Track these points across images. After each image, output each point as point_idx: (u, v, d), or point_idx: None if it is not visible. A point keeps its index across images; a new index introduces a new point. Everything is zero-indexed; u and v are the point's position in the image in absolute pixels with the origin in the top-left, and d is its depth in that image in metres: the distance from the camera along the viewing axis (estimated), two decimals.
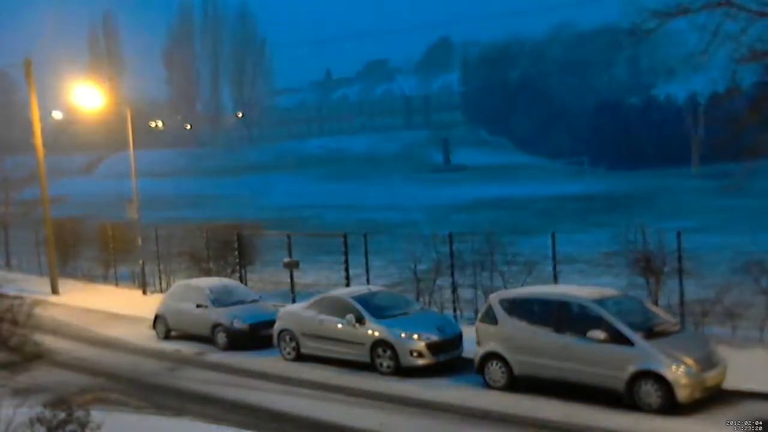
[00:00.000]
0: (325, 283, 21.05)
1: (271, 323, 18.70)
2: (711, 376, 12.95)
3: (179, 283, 22.20)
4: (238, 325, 19.20)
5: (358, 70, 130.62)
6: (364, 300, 17.05)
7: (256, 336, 19.05)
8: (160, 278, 27.37)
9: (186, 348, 19.65)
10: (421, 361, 15.86)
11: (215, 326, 19.53)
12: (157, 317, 21.21)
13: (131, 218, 27.64)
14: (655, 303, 16.20)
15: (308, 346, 17.45)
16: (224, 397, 15.17)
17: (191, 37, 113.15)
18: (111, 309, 24.86)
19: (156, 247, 27.31)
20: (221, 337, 19.40)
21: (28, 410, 9.95)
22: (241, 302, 20.13)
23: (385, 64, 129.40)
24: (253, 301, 20.54)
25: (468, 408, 13.69)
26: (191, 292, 20.65)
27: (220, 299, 20.05)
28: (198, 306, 19.98)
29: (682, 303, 16.39)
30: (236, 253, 24.79)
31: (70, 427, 9.50)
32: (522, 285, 17.60)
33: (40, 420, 9.49)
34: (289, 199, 57.79)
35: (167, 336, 20.81)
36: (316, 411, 13.89)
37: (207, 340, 19.73)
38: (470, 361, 15.29)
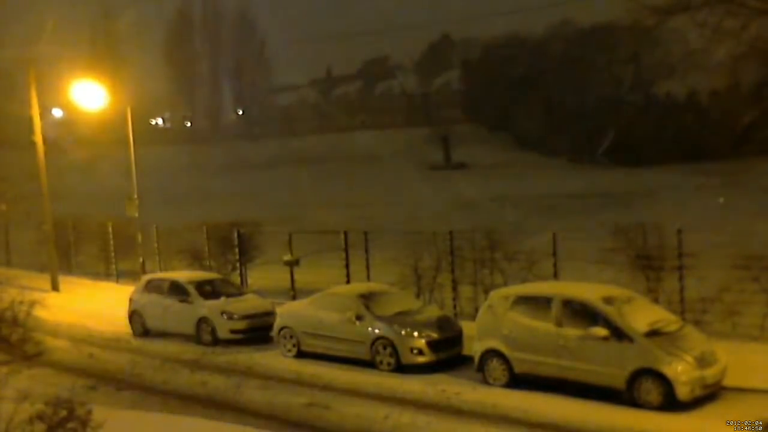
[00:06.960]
0: (326, 280, 21.01)
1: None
2: (711, 374, 12.96)
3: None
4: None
5: (359, 68, 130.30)
6: (364, 297, 17.05)
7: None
8: None
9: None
10: (421, 359, 15.86)
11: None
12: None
13: (131, 215, 27.64)
14: (655, 300, 16.21)
15: (308, 344, 17.43)
16: None
17: (191, 34, 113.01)
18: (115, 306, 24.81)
19: (156, 244, 27.35)
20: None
21: (29, 407, 9.90)
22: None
23: (386, 61, 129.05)
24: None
25: (468, 406, 13.68)
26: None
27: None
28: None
29: (682, 300, 16.40)
30: (236, 250, 24.78)
31: (70, 425, 9.40)
32: (522, 282, 17.59)
33: (40, 417, 9.42)
34: (289, 196, 57.70)
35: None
36: None
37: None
38: (470, 358, 15.28)
